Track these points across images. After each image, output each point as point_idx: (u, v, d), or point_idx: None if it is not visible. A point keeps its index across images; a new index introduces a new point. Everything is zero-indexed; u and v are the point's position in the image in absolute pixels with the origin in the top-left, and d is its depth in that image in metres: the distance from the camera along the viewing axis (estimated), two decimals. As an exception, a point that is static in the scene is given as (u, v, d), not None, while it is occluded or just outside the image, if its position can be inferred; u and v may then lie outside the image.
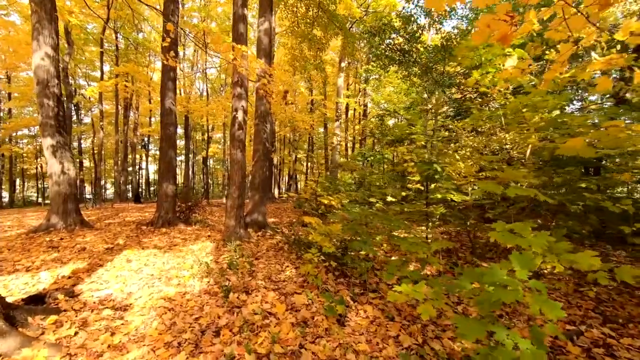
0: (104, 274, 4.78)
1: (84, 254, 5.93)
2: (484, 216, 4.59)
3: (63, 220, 8.61)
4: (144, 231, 8.66)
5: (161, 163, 9.51)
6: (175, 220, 9.50)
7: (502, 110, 5.18)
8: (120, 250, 6.38)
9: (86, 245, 6.77)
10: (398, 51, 12.67)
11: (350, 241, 4.57)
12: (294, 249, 6.02)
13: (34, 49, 8.28)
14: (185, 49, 29.24)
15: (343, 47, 15.12)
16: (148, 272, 4.95)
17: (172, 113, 9.59)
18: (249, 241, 7.05)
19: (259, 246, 6.71)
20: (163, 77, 9.61)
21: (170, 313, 3.54)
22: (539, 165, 5.56)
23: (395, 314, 3.46)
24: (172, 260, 5.65)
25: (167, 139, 9.46)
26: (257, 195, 8.52)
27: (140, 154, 35.52)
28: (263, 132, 8.62)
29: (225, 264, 5.20)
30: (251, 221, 8.32)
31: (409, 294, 2.55)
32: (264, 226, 8.48)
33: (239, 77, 7.07)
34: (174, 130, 9.65)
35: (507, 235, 2.29)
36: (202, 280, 4.52)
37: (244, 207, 7.40)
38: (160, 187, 9.41)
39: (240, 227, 7.11)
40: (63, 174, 8.62)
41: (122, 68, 19.19)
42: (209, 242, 7.15)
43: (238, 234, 7.04)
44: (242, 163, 7.13)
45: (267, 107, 8.66)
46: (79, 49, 29.83)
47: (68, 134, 24.22)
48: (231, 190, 7.09)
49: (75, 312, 3.49)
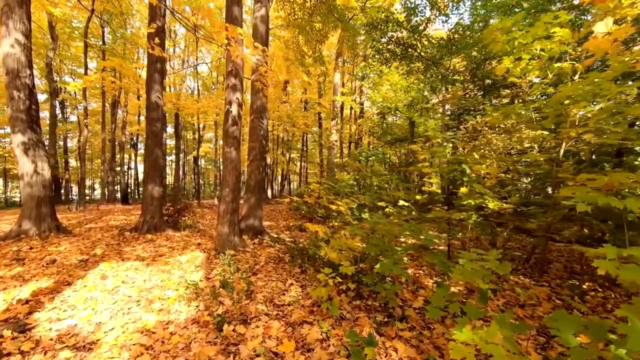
0: (70, 296, 3.97)
1: (53, 269, 5.09)
2: (525, 226, 3.91)
3: (36, 226, 7.74)
4: (126, 238, 7.82)
5: (147, 162, 8.66)
6: (162, 225, 8.66)
7: (538, 102, 4.50)
8: (96, 262, 5.56)
9: (58, 256, 5.92)
10: (401, 45, 11.98)
11: (367, 256, 3.84)
12: (296, 260, 5.26)
13: (2, 35, 7.40)
14: (176, 46, 28.32)
15: (340, 41, 14.38)
16: (125, 292, 4.15)
17: (158, 108, 8.75)
18: (245, 250, 6.27)
19: (256, 257, 5.93)
20: (149, 68, 8.76)
21: (148, 355, 2.75)
22: (574, 165, 4.89)
23: (436, 354, 2.73)
24: (155, 275, 4.85)
25: (153, 136, 8.62)
26: (252, 197, 7.73)
27: (129, 153, 34.42)
28: (259, 128, 7.84)
29: (218, 281, 4.43)
30: (246, 227, 7.53)
31: (477, 344, 1.82)
32: (261, 232, 7.70)
33: (233, 66, 6.29)
34: (161, 127, 8.81)
35: (633, 269, 1.57)
36: (189, 304, 3.74)
37: (238, 212, 6.61)
38: (146, 188, 8.57)
39: (234, 235, 6.32)
40: (36, 174, 7.75)
41: (108, 62, 18.12)
42: (199, 251, 6.35)
43: (232, 243, 6.25)
44: (236, 162, 6.35)
45: (264, 102, 7.88)
46: (64, 45, 28.68)
47: (52, 132, 22.70)
48: (224, 193, 6.30)
49: (22, 356, 2.69)
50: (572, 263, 5.21)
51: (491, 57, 10.41)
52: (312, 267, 4.84)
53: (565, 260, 5.46)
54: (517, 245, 5.79)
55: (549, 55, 4.40)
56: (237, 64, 6.31)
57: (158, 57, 8.69)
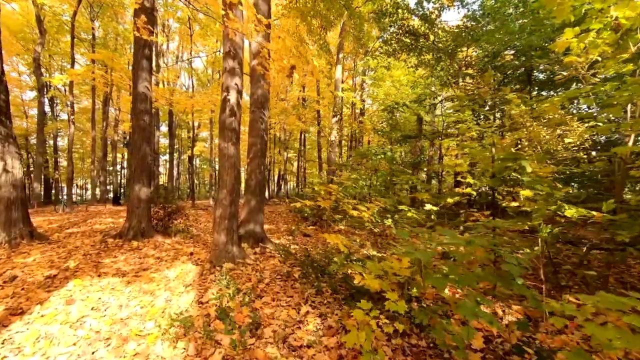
0: (18, 333, 3.02)
1: (8, 289, 4.12)
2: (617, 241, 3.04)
3: (5, 232, 6.77)
4: (109, 246, 6.85)
5: (133, 160, 7.69)
6: (151, 230, 7.70)
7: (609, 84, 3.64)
8: (66, 279, 4.60)
9: (22, 270, 4.95)
10: (412, 34, 11.10)
11: (413, 281, 2.92)
12: (310, 277, 4.34)
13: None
14: (170, 42, 27.30)
15: (342, 35, 13.46)
16: (93, 325, 3.20)
17: (147, 99, 7.79)
18: (245, 263, 5.33)
19: (260, 271, 5.00)
20: (136, 54, 7.79)
21: None
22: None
23: None
24: (135, 299, 3.90)
25: (140, 131, 7.65)
26: (253, 200, 6.80)
27: (122, 152, 33.31)
28: (260, 121, 6.91)
29: (214, 307, 3.49)
30: (246, 233, 6.60)
31: None
32: (262, 239, 6.77)
33: (232, 46, 5.35)
34: (150, 120, 7.85)
35: None
36: (175, 346, 2.81)
37: (237, 217, 5.67)
38: (132, 190, 7.59)
39: (232, 244, 5.38)
40: (5, 172, 6.77)
41: (97, 55, 17.12)
42: (190, 264, 5.41)
43: (230, 254, 5.31)
44: (235, 160, 5.41)
45: (266, 91, 6.94)
46: (54, 40, 27.57)
47: (41, 130, 21.53)
48: (221, 196, 5.36)
49: None
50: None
51: (510, 47, 9.58)
52: (330, 287, 3.91)
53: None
54: (568, 259, 4.91)
55: (629, 26, 3.53)
56: (236, 43, 5.38)
57: (146, 41, 7.74)
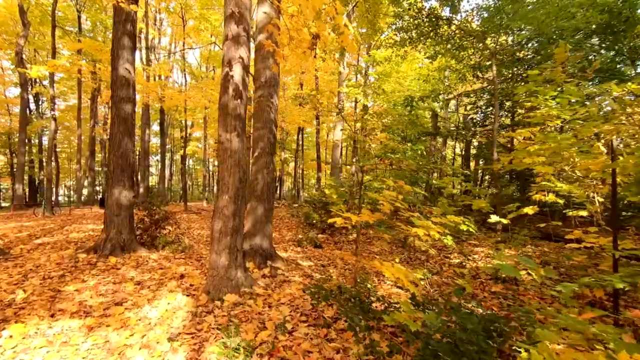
0: None
1: None
2: None
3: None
4: (79, 264, 5.49)
5: (112, 157, 6.32)
6: (133, 243, 6.33)
7: None
8: (3, 322, 3.26)
9: (-53, 307, 3.59)
10: (434, 17, 9.86)
11: None
12: (352, 323, 3.02)
13: None
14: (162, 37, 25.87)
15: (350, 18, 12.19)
16: None
17: (129, 85, 6.43)
18: (253, 293, 4.01)
19: (274, 306, 3.69)
20: (115, 30, 6.43)
21: None
22: None
23: None
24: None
25: (121, 122, 6.29)
26: (259, 207, 5.47)
27: (111, 152, 31.63)
28: (269, 110, 5.59)
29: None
30: (251, 249, 5.27)
31: None
32: (270, 256, 5.44)
33: (236, 5, 4.04)
34: (132, 110, 6.48)
35: None
36: None
37: (242, 232, 4.34)
38: (110, 194, 6.22)
39: (236, 268, 4.06)
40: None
41: (81, 44, 15.63)
42: (181, 293, 4.07)
43: (233, 281, 3.99)
44: (240, 156, 4.09)
45: (275, 73, 5.63)
46: (40, 34, 26.10)
47: (23, 128, 19.92)
48: (221, 203, 4.03)
49: None
50: None
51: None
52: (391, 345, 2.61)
53: None
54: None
55: None
56: (242, 2, 4.07)
57: (128, 14, 6.39)
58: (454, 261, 6.51)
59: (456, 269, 5.58)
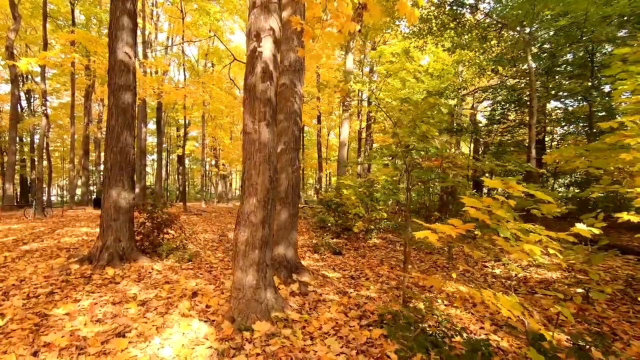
0: None
1: None
2: None
3: None
4: (71, 278, 4.69)
5: (109, 153, 5.50)
6: (133, 251, 5.53)
7: None
8: (-32, 367, 2.48)
9: None
10: (458, 5, 9.15)
11: None
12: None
13: None
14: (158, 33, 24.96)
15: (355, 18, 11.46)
16: None
17: (128, 70, 5.63)
18: (288, 319, 3.25)
19: (318, 340, 2.92)
20: (114, 9, 5.62)
21: None
22: None
23: None
24: None
25: (120, 113, 5.49)
26: (284, 211, 4.70)
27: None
28: (292, 99, 4.84)
29: None
30: (274, 261, 4.51)
31: None
32: (296, 268, 4.68)
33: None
34: (133, 100, 5.68)
35: None
36: None
37: (271, 243, 3.56)
38: (107, 195, 5.42)
39: (265, 287, 3.29)
40: None
41: (74, 35, 14.74)
42: (197, 319, 3.30)
43: (262, 304, 3.22)
44: (271, 150, 3.33)
45: (301, 57, 4.88)
46: (31, 28, 25.16)
47: (14, 126, 19.13)
48: (247, 208, 3.26)
49: None
50: None
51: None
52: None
53: None
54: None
55: None
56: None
57: (128, -10, 5.59)
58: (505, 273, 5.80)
59: (538, 288, 4.83)
